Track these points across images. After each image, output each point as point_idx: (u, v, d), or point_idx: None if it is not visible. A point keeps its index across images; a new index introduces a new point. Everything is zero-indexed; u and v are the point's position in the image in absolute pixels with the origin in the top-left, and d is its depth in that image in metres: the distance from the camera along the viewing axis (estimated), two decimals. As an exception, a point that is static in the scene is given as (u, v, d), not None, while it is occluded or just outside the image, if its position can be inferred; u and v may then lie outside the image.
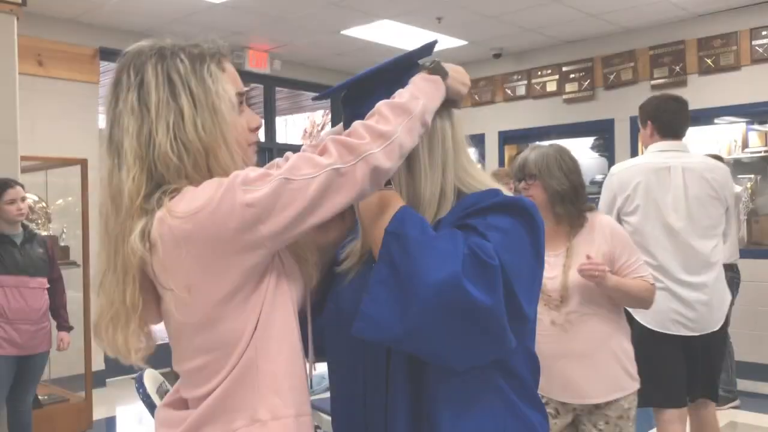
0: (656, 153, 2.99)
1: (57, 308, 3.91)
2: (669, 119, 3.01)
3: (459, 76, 1.24)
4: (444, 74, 1.20)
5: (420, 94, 1.13)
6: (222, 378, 1.08)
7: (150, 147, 1.09)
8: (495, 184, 1.24)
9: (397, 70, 1.22)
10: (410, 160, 1.18)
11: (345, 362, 1.26)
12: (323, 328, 1.30)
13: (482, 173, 1.28)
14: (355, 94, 1.25)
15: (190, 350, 1.11)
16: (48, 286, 3.84)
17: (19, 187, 3.74)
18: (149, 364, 1.19)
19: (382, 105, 1.09)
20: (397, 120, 1.07)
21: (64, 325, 3.95)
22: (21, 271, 3.68)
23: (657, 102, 3.09)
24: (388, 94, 1.15)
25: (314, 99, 1.28)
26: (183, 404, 1.17)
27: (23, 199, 3.74)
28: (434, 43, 1.26)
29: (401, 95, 1.12)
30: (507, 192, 1.21)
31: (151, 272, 1.08)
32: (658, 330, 2.88)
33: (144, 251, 1.05)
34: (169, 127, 1.09)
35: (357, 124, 1.07)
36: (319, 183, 1.02)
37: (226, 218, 1.01)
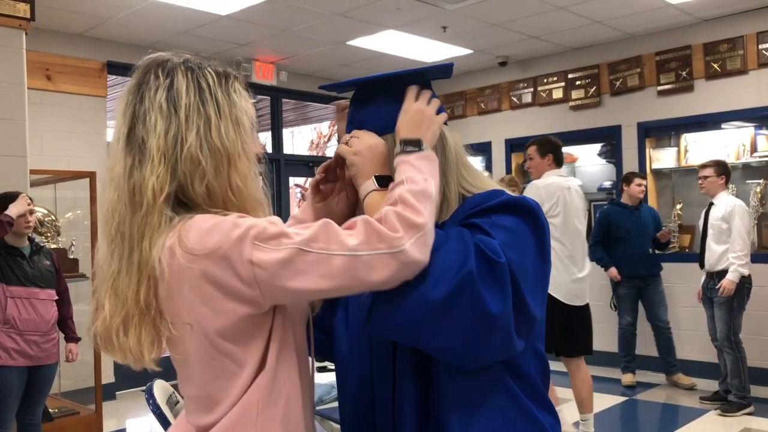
0: (558, 177, 4.18)
1: (64, 319, 3.92)
2: (560, 154, 4.27)
3: (430, 121, 1.19)
4: (419, 145, 1.15)
5: (427, 175, 1.10)
6: (223, 412, 1.09)
7: (177, 146, 1.09)
8: (498, 187, 1.24)
9: (406, 84, 1.23)
10: None
11: (353, 366, 1.26)
12: (331, 331, 1.31)
13: (485, 178, 1.29)
14: (361, 95, 1.27)
15: (194, 378, 1.12)
16: (56, 297, 3.86)
17: (28, 200, 3.75)
18: (160, 369, 1.18)
19: (406, 193, 1.05)
20: (425, 208, 1.04)
21: (72, 337, 3.96)
22: (31, 283, 3.70)
23: (554, 140, 4.33)
24: (390, 105, 1.18)
25: (320, 87, 1.29)
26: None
27: (31, 212, 3.76)
28: (451, 66, 1.26)
29: (413, 180, 1.07)
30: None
31: (158, 293, 1.08)
32: (563, 301, 3.97)
33: (159, 268, 1.06)
34: (199, 129, 1.10)
35: (389, 212, 1.03)
36: (337, 264, 1.00)
37: (232, 269, 1.02)
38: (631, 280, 5.70)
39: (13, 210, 3.59)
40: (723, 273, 4.90)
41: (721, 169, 5.09)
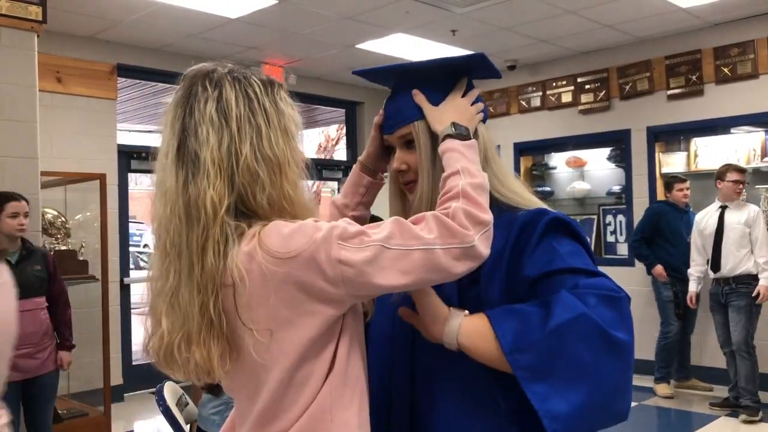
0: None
1: (58, 325, 3.77)
2: None
3: (472, 116, 1.26)
4: (468, 134, 1.21)
5: (477, 164, 1.16)
6: (293, 419, 1.07)
7: (232, 158, 1.08)
8: (528, 194, 1.26)
9: (442, 72, 1.26)
10: (437, 159, 1.20)
11: (372, 366, 1.26)
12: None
13: (514, 181, 1.29)
14: (401, 84, 1.29)
15: (266, 388, 1.09)
16: (46, 304, 3.71)
17: (24, 202, 3.64)
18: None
19: (468, 187, 1.09)
20: (485, 203, 1.09)
21: (65, 344, 3.78)
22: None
23: None
24: (429, 93, 1.24)
25: (354, 73, 1.30)
26: None
27: (26, 214, 3.62)
28: (482, 57, 1.27)
29: (471, 173, 1.12)
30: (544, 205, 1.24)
31: (232, 304, 1.06)
32: None
33: (233, 279, 1.04)
34: (252, 140, 1.10)
35: (457, 208, 1.06)
36: (416, 258, 1.03)
37: (319, 270, 1.02)
38: (676, 283, 5.54)
39: None
40: (741, 278, 4.87)
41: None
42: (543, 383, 1.03)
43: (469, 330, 1.09)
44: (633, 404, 4.44)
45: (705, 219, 5.18)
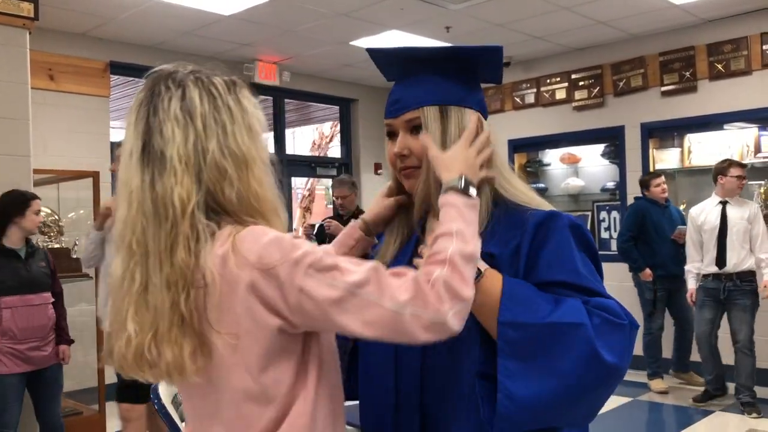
0: None
1: (59, 320, 3.87)
2: None
3: (477, 168, 1.20)
4: (473, 186, 1.15)
5: (474, 228, 1.10)
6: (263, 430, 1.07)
7: (199, 154, 1.08)
8: (533, 193, 1.26)
9: (454, 62, 1.24)
10: (446, 147, 1.20)
11: (376, 379, 1.27)
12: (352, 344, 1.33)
13: (519, 180, 1.29)
14: (411, 69, 1.27)
15: (225, 402, 1.09)
16: (53, 300, 3.82)
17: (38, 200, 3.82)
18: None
19: (456, 255, 1.04)
20: (471, 276, 1.05)
21: (65, 338, 3.89)
22: (26, 289, 3.65)
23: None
24: (438, 82, 1.22)
25: (367, 50, 1.28)
26: None
27: (38, 212, 3.77)
28: (500, 50, 1.26)
29: (464, 238, 1.07)
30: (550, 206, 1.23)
31: (203, 305, 1.05)
32: None
33: (200, 280, 1.04)
34: (218, 137, 1.10)
35: (439, 278, 1.02)
36: (381, 315, 1.00)
37: (281, 290, 1.02)
38: (663, 281, 5.54)
39: None
40: (745, 274, 4.88)
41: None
42: (515, 363, 1.06)
43: (481, 287, 1.10)
44: (627, 400, 4.47)
45: (703, 215, 5.10)
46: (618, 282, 5.83)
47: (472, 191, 1.13)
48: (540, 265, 1.15)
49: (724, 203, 5.05)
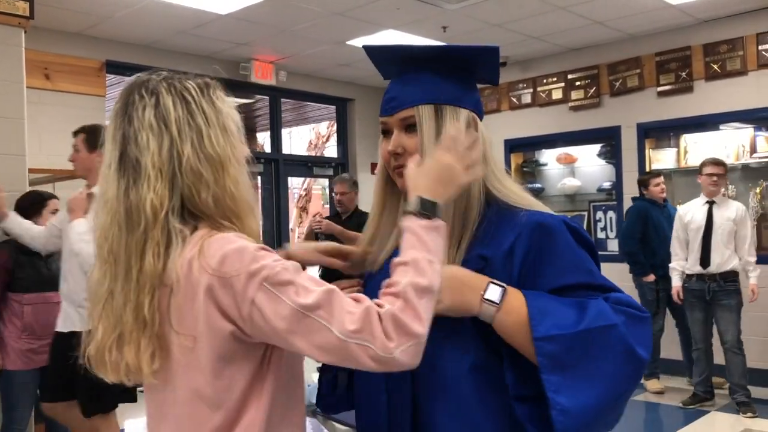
0: None
1: None
2: None
3: (457, 176, 1.13)
4: (438, 211, 1.09)
5: (434, 255, 1.05)
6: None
7: (174, 160, 1.10)
8: (525, 193, 1.26)
9: (450, 61, 1.24)
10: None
11: (368, 388, 1.27)
12: None
13: (511, 181, 1.28)
14: (408, 67, 1.26)
15: (184, 392, 1.10)
16: None
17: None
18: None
19: (410, 289, 1.00)
20: (425, 311, 1.01)
21: None
22: (47, 286, 3.68)
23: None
24: (435, 82, 1.21)
25: (363, 47, 1.26)
26: None
27: (56, 211, 3.85)
28: (497, 50, 1.26)
29: (420, 270, 1.02)
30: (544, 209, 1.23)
31: (166, 305, 1.08)
32: None
33: (169, 280, 1.06)
34: (193, 141, 1.11)
35: (389, 313, 0.99)
36: (330, 340, 0.99)
37: (235, 300, 1.03)
38: (663, 281, 5.46)
39: None
40: (729, 275, 4.89)
41: (726, 168, 5.10)
42: (560, 375, 1.06)
43: (508, 306, 1.09)
44: (624, 400, 4.33)
45: (690, 213, 5.10)
46: (617, 282, 5.78)
47: (437, 211, 1.08)
48: (549, 272, 1.15)
49: (710, 203, 5.05)
